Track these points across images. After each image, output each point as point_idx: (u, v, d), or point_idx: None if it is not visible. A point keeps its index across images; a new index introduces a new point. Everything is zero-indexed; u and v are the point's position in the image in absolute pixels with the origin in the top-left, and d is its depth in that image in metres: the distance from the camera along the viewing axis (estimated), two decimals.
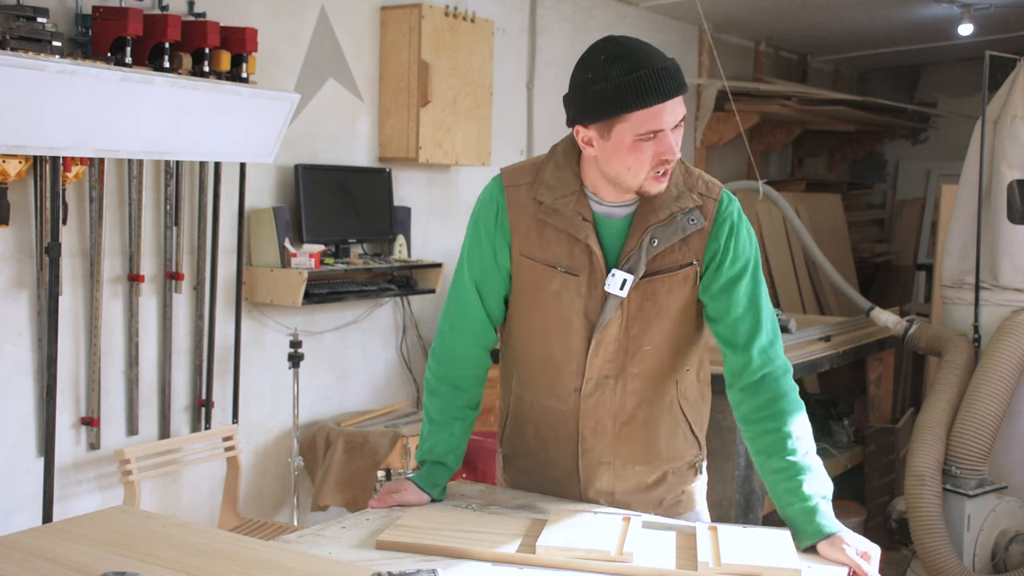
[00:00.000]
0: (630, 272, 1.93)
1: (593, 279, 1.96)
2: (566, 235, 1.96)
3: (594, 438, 2.05)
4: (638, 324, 1.97)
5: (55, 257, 3.06)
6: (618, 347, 1.98)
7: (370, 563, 1.69)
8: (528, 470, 2.15)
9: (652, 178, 1.88)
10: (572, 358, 2.00)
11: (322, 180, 4.07)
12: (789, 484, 1.87)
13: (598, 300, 1.96)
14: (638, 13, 6.05)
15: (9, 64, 2.65)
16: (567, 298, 1.97)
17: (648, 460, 2.07)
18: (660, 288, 1.96)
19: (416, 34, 4.28)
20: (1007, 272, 4.09)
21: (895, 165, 8.64)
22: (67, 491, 3.32)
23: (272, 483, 4.07)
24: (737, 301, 1.96)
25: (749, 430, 1.97)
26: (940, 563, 3.75)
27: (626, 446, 2.05)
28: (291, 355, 3.86)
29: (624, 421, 2.04)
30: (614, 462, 2.06)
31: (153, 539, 1.71)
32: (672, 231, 1.93)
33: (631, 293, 1.94)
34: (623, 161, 1.86)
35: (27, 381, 3.21)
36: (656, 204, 1.93)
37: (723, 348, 2.00)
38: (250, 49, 3.55)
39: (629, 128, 1.83)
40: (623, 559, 1.71)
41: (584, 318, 1.97)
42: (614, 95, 1.81)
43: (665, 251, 1.94)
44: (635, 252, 1.93)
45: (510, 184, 2.02)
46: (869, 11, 6.25)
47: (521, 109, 5.24)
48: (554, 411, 2.06)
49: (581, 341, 1.99)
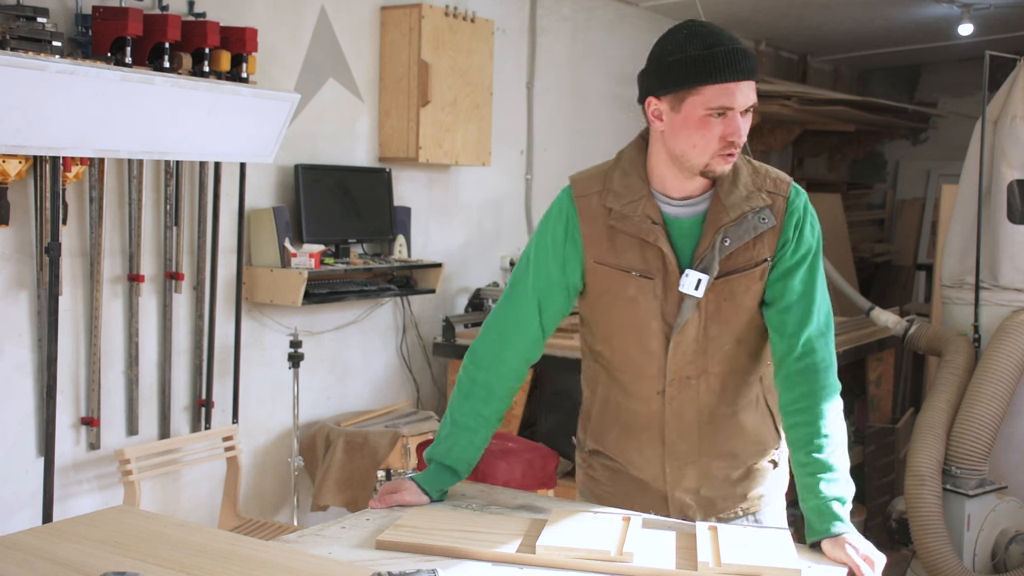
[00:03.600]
0: (704, 272, 1.94)
1: (668, 281, 1.97)
2: (637, 239, 1.97)
3: (680, 439, 2.05)
4: (716, 324, 1.98)
5: (55, 257, 3.06)
6: (697, 347, 1.99)
7: (370, 563, 1.69)
8: (611, 471, 2.15)
9: (718, 156, 1.89)
10: (652, 361, 2.01)
11: (322, 180, 4.07)
12: (809, 480, 1.89)
13: (674, 302, 1.97)
14: (638, 13, 6.05)
15: (9, 64, 2.65)
16: (644, 302, 1.99)
17: (733, 456, 2.08)
18: (737, 287, 1.97)
19: (416, 34, 4.28)
20: (1007, 272, 4.09)
21: (895, 165, 8.64)
22: (67, 491, 3.32)
23: (272, 483, 4.07)
24: (792, 288, 1.97)
25: (785, 420, 1.98)
26: (940, 563, 3.75)
27: (712, 444, 2.05)
28: (291, 355, 3.86)
29: (708, 419, 2.04)
30: (699, 460, 2.06)
31: (153, 539, 1.71)
32: (744, 230, 1.95)
33: (708, 293, 1.95)
34: (690, 137, 1.88)
35: (27, 381, 3.21)
36: (727, 204, 1.95)
37: (771, 334, 2.01)
38: (250, 49, 3.55)
39: (701, 102, 1.85)
40: (623, 559, 1.71)
41: (662, 320, 1.99)
42: (691, 66, 1.85)
43: (739, 250, 1.96)
44: (709, 252, 1.94)
45: (580, 194, 2.04)
46: (869, 11, 6.25)
47: (521, 109, 5.24)
48: (639, 413, 2.07)
49: (660, 343, 2.00)
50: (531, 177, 5.32)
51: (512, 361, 2.08)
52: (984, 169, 4.17)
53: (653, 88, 1.93)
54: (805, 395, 1.94)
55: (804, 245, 1.99)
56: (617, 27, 5.87)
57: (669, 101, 1.90)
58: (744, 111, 1.88)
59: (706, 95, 1.85)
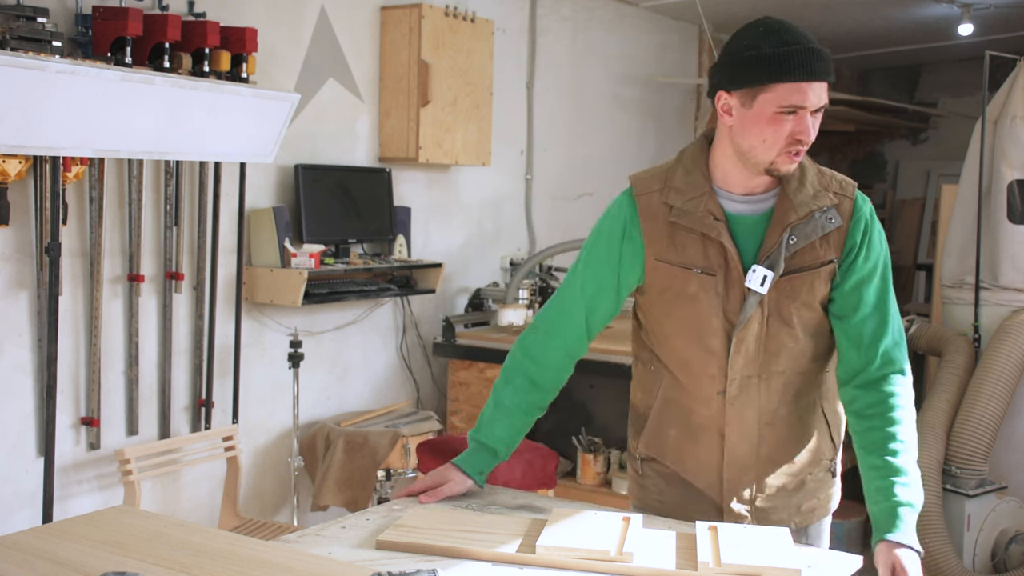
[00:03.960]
0: (770, 268, 1.93)
1: (730, 278, 1.96)
2: (699, 235, 1.96)
3: (740, 442, 2.02)
4: (779, 322, 1.97)
5: (55, 257, 3.06)
6: (759, 345, 1.98)
7: (370, 563, 1.69)
8: (665, 480, 2.11)
9: (785, 155, 1.89)
10: (713, 360, 1.99)
11: (322, 180, 4.07)
12: (882, 483, 1.88)
13: (737, 299, 1.96)
14: (638, 13, 6.05)
15: (9, 64, 2.65)
16: (705, 299, 1.97)
17: (790, 463, 2.05)
18: (801, 285, 1.96)
19: (416, 34, 4.28)
20: (1007, 272, 4.09)
21: (895, 165, 8.64)
22: (67, 491, 3.32)
23: (272, 483, 4.07)
24: (866, 300, 1.97)
25: (858, 424, 1.96)
26: (940, 563, 3.75)
27: (771, 449, 2.03)
28: (291, 355, 3.86)
29: (768, 422, 2.02)
30: (758, 466, 2.04)
31: (153, 539, 1.71)
32: (811, 229, 1.94)
33: (771, 291, 1.94)
34: (760, 133, 1.88)
35: (27, 381, 3.21)
36: (795, 202, 1.94)
37: (844, 345, 2.00)
38: (250, 49, 3.55)
39: (773, 99, 1.85)
40: (623, 559, 1.71)
41: (723, 318, 1.97)
42: (766, 63, 1.85)
43: (805, 248, 1.95)
44: (775, 249, 1.94)
45: (641, 192, 2.04)
46: (869, 11, 6.25)
47: (521, 109, 5.24)
48: (698, 415, 2.04)
49: (721, 342, 1.98)
50: (531, 177, 5.32)
51: (556, 356, 2.10)
52: (984, 169, 4.17)
53: (725, 83, 1.92)
54: (883, 401, 1.94)
55: (875, 254, 1.99)
56: (617, 27, 5.87)
57: (740, 97, 1.90)
58: (815, 111, 1.88)
59: (779, 93, 1.85)
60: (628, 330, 2.20)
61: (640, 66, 6.09)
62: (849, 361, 1.99)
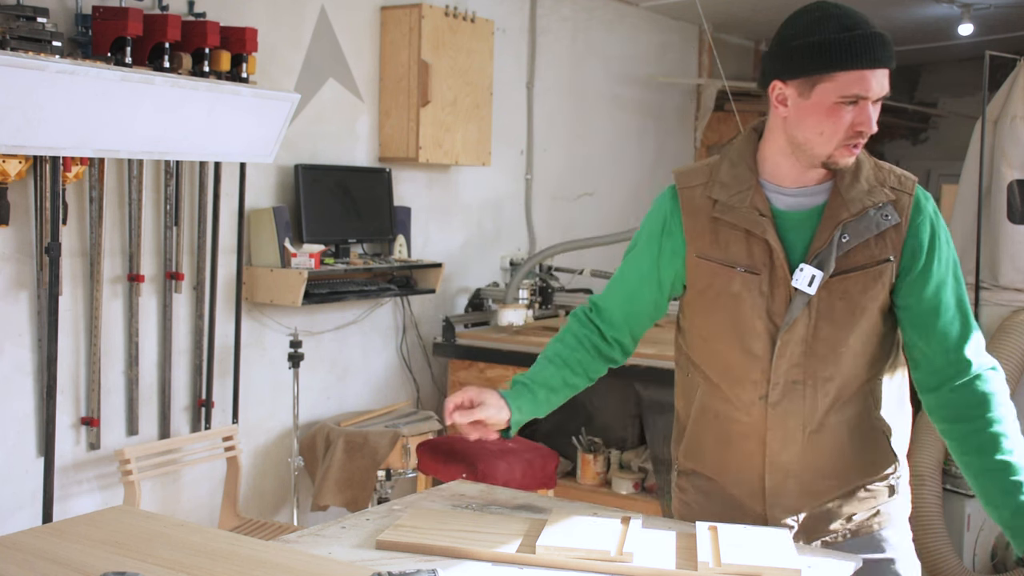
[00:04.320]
0: (819, 268, 1.82)
1: (775, 277, 1.85)
2: (743, 232, 1.87)
3: (782, 450, 1.90)
4: (829, 324, 1.85)
5: (55, 257, 3.06)
6: (806, 349, 1.86)
7: (370, 563, 1.69)
8: (706, 490, 2.02)
9: (844, 147, 1.79)
10: (755, 363, 1.89)
11: (322, 180, 4.07)
12: (1005, 484, 1.76)
13: (782, 300, 1.85)
14: (638, 13, 6.05)
15: (9, 64, 2.65)
16: (748, 298, 1.87)
17: (839, 473, 1.92)
18: (854, 286, 1.84)
19: (416, 34, 4.28)
20: (1007, 272, 4.09)
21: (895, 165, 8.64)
22: (67, 491, 3.32)
23: (272, 483, 4.07)
24: (946, 303, 1.86)
25: (958, 428, 1.85)
26: (940, 563, 3.75)
27: (816, 457, 1.91)
28: (291, 355, 3.86)
29: (814, 430, 1.89)
30: (803, 475, 1.91)
31: (153, 539, 1.71)
32: (865, 227, 1.83)
33: (820, 291, 1.83)
34: (818, 125, 1.78)
35: (27, 381, 3.21)
36: (848, 198, 1.84)
37: (930, 351, 1.87)
38: (250, 49, 3.55)
39: (834, 89, 1.75)
40: (623, 559, 1.71)
41: (767, 319, 1.86)
42: (826, 50, 1.74)
43: (858, 247, 1.84)
44: (825, 248, 1.83)
45: (684, 186, 1.95)
46: (869, 11, 6.21)
47: (521, 109, 5.24)
48: (739, 422, 1.93)
49: (765, 345, 1.87)
50: (531, 177, 5.32)
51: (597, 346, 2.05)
52: (984, 169, 4.17)
53: (780, 71, 1.81)
54: (983, 400, 1.82)
55: (946, 257, 1.87)
56: (617, 27, 5.87)
57: (797, 86, 1.78)
58: (876, 100, 1.77)
59: (840, 82, 1.74)
60: None
61: (640, 66, 6.09)
62: (938, 366, 1.87)
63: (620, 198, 5.91)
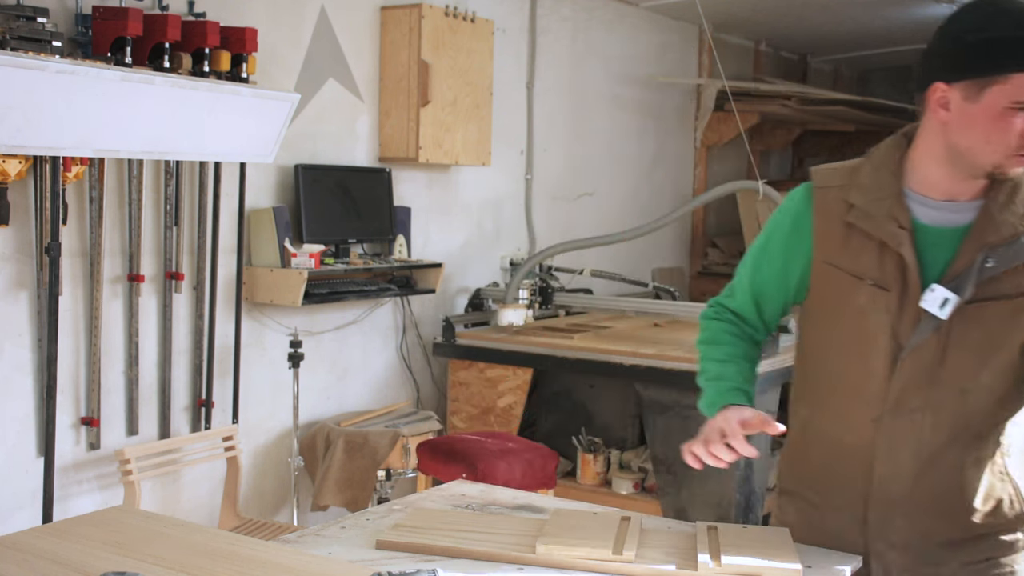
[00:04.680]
0: (955, 292, 1.67)
1: (906, 296, 1.71)
2: (877, 243, 1.73)
3: (891, 479, 1.76)
4: (959, 354, 1.70)
5: (55, 257, 3.06)
6: (929, 377, 1.71)
7: (370, 563, 1.69)
8: (804, 516, 1.89)
9: (1015, 157, 1.62)
10: (871, 381, 1.75)
11: (322, 180, 4.08)
12: None
13: (911, 320, 1.70)
14: (638, 13, 6.04)
15: (9, 64, 2.65)
16: (873, 315, 1.73)
17: (954, 513, 1.78)
18: (993, 316, 1.69)
19: (416, 34, 4.28)
20: None
21: None
22: (67, 491, 3.32)
23: (272, 483, 4.07)
24: None
25: None
26: None
27: (928, 492, 1.76)
28: (291, 355, 3.86)
29: (928, 461, 1.75)
30: (911, 510, 1.77)
31: (153, 539, 1.71)
32: (1014, 253, 1.67)
33: (954, 317, 1.67)
34: (984, 132, 1.62)
35: (27, 381, 3.21)
36: (999, 220, 1.68)
37: None
38: (250, 49, 3.55)
39: (1007, 92, 1.58)
40: (623, 559, 1.71)
41: (891, 339, 1.72)
42: (999, 49, 1.58)
43: (1005, 274, 1.68)
44: (966, 270, 1.67)
45: (820, 185, 1.82)
46: (869, 11, 6.25)
47: (521, 109, 5.24)
48: (844, 444, 1.81)
49: (885, 363, 1.73)
50: (531, 177, 5.32)
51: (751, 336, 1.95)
52: None
53: (943, 72, 1.64)
54: None
55: None
56: (617, 27, 5.87)
57: (964, 89, 1.62)
58: None
59: (1016, 84, 1.57)
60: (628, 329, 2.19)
61: (640, 66, 6.09)
62: None
63: (620, 198, 5.91)
